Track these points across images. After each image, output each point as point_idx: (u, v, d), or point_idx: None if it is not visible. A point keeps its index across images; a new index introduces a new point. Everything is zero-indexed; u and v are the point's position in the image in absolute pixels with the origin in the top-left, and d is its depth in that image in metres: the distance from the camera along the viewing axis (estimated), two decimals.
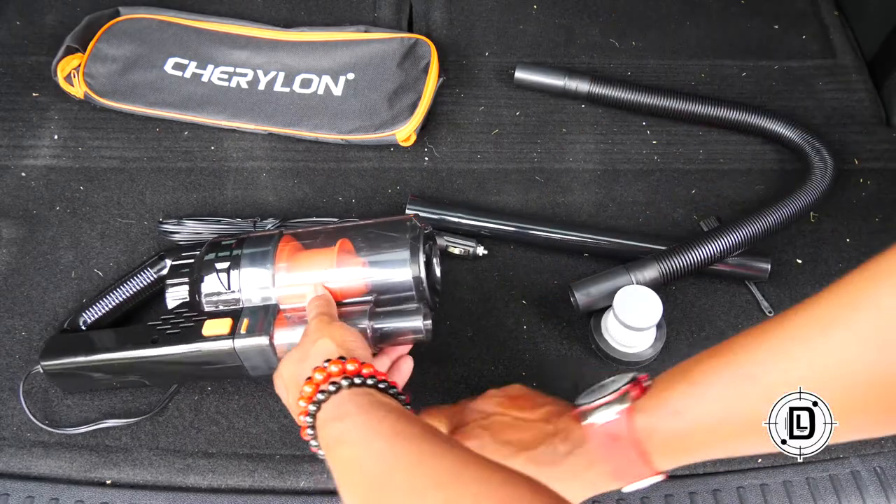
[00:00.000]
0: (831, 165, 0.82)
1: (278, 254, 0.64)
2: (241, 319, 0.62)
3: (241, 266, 0.63)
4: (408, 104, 0.87)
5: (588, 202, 0.85)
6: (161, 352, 0.62)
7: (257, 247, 0.65)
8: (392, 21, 0.99)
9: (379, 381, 0.51)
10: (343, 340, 0.54)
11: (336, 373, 0.50)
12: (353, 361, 0.51)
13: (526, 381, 0.71)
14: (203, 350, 0.61)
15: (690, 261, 0.74)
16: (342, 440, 0.46)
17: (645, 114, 0.91)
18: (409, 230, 0.63)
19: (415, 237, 0.63)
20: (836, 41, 1.01)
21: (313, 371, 0.51)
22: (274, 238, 0.65)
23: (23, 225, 0.81)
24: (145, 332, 0.64)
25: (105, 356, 0.64)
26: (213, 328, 0.62)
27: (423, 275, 0.62)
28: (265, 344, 0.60)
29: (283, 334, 0.61)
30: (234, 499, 0.65)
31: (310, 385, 0.50)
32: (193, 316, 0.64)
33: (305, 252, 0.65)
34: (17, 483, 0.65)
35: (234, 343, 0.60)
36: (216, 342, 0.61)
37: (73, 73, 0.89)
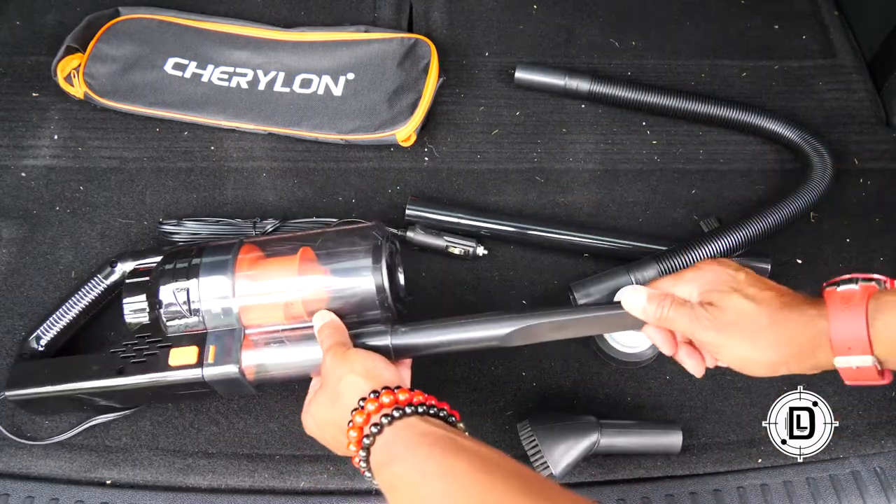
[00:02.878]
0: (831, 165, 0.82)
1: (238, 263, 0.61)
2: (207, 346, 0.60)
3: (200, 276, 0.61)
4: (408, 104, 0.87)
5: (588, 202, 0.85)
6: (127, 381, 0.61)
7: (215, 259, 0.62)
8: (392, 21, 0.99)
9: (418, 407, 0.50)
10: (367, 370, 0.54)
11: (374, 410, 0.50)
12: (387, 393, 0.51)
13: (526, 381, 0.72)
14: (171, 380, 0.60)
15: (690, 261, 0.74)
16: (395, 485, 0.47)
17: (645, 112, 0.91)
18: (371, 238, 0.61)
19: (377, 246, 0.61)
20: (836, 41, 1.01)
21: (353, 414, 0.51)
22: (234, 248, 0.63)
23: (23, 225, 0.80)
24: (109, 360, 0.62)
25: (70, 386, 0.62)
26: (180, 357, 0.60)
27: (385, 284, 0.60)
28: (235, 373, 0.59)
29: (250, 358, 0.60)
30: (234, 499, 0.65)
31: (354, 430, 0.50)
32: (157, 342, 0.62)
33: (266, 262, 0.62)
34: (17, 483, 0.65)
35: (203, 373, 0.59)
36: (184, 371, 0.60)
37: (73, 73, 0.89)
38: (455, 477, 0.44)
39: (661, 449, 0.67)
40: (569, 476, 0.65)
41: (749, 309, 0.51)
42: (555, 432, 0.62)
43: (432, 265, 0.79)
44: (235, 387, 0.60)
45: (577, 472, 0.66)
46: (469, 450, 0.46)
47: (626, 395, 0.72)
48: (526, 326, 0.58)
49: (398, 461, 0.47)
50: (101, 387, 0.62)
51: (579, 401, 0.71)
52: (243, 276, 0.61)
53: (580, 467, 0.66)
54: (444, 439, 0.47)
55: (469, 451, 0.46)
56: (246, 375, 0.60)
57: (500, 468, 0.45)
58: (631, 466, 0.67)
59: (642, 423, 0.68)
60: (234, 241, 0.64)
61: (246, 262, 0.62)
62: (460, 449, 0.46)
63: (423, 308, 0.76)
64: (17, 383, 0.64)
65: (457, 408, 0.69)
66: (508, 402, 0.71)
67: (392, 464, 0.47)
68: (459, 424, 0.52)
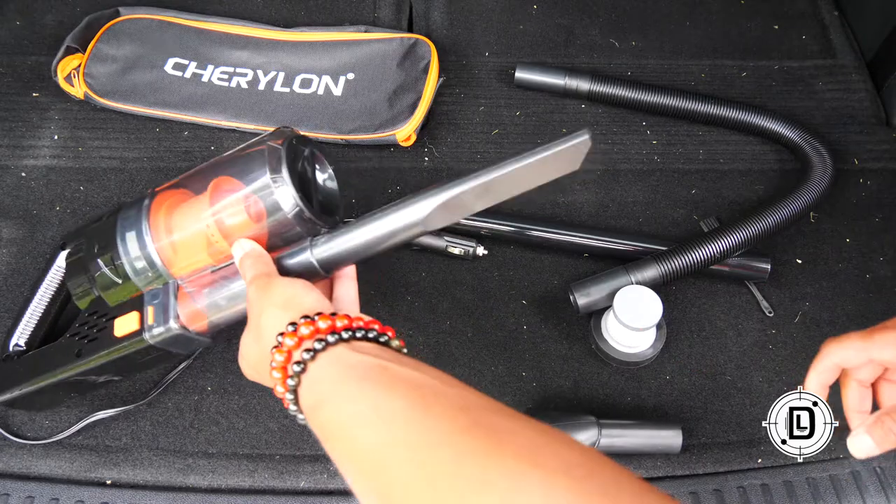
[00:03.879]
0: (830, 165, 0.82)
1: (152, 216, 0.57)
2: (146, 308, 0.58)
3: (118, 244, 0.57)
4: (408, 104, 0.87)
5: (588, 202, 0.85)
6: (85, 362, 0.60)
7: (128, 217, 0.58)
8: (392, 21, 0.99)
9: (343, 333, 0.45)
10: (286, 299, 0.49)
11: (294, 346, 0.45)
12: (306, 323, 0.45)
13: (526, 381, 0.72)
14: (122, 350, 0.58)
15: (690, 261, 0.74)
16: (327, 433, 0.42)
17: (645, 112, 0.91)
18: (268, 150, 0.54)
19: (275, 156, 0.53)
20: (836, 41, 1.00)
21: (272, 352, 0.45)
22: (144, 200, 0.59)
23: (23, 225, 0.81)
24: (69, 345, 0.61)
25: (41, 380, 0.62)
26: (124, 327, 0.58)
27: (293, 195, 0.53)
28: (176, 328, 0.56)
29: (189, 309, 0.57)
30: (234, 499, 0.65)
31: (277, 370, 0.45)
32: (103, 316, 0.60)
33: (177, 205, 0.58)
34: (17, 483, 0.65)
35: (146, 336, 0.57)
36: (130, 341, 0.58)
37: (73, 73, 0.89)
38: (389, 417, 0.38)
39: (661, 449, 0.67)
40: None
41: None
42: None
43: (432, 265, 0.79)
44: (186, 342, 0.58)
45: None
46: (405, 380, 0.41)
47: (626, 395, 0.72)
48: (446, 200, 0.49)
49: (327, 403, 0.42)
50: (67, 374, 0.61)
51: (579, 401, 0.71)
52: (156, 223, 0.58)
53: None
54: (375, 370, 0.41)
55: (405, 382, 0.40)
56: (190, 328, 0.57)
57: (441, 400, 0.39)
58: (631, 466, 0.67)
59: (642, 422, 0.68)
60: (147, 193, 0.60)
61: (159, 208, 0.58)
62: (394, 379, 0.41)
63: (424, 308, 0.76)
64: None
65: None
66: (508, 402, 0.70)
67: (321, 407, 0.42)
68: (394, 342, 0.46)
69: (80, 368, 0.60)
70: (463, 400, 0.39)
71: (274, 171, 0.53)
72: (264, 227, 0.54)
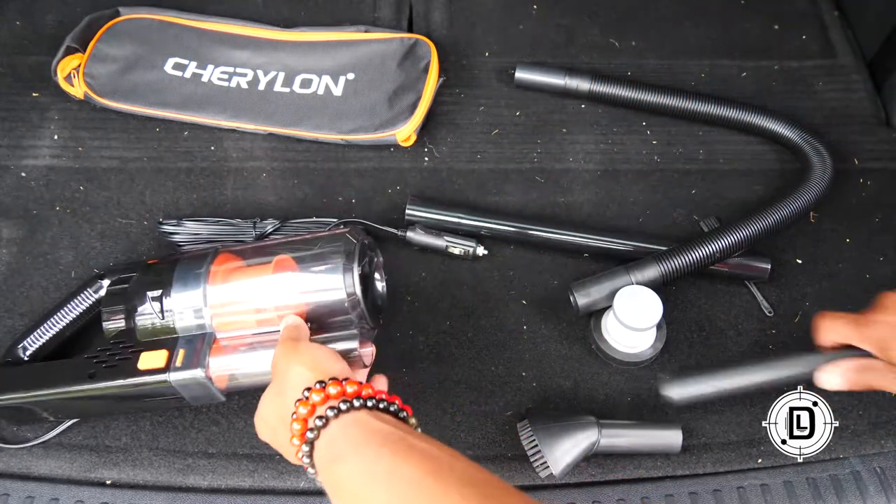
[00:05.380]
0: (830, 165, 0.82)
1: (212, 275, 0.61)
2: (177, 350, 0.60)
3: (174, 289, 0.61)
4: (408, 104, 0.87)
5: (588, 202, 0.85)
6: (97, 386, 0.61)
7: (190, 268, 0.62)
8: (392, 21, 0.99)
9: (367, 400, 0.48)
10: (315, 361, 0.52)
11: (319, 401, 0.48)
12: (334, 384, 0.48)
13: (526, 381, 0.72)
14: (139, 384, 0.60)
15: (690, 261, 0.74)
16: (341, 487, 0.44)
17: (645, 111, 0.91)
18: (343, 248, 0.60)
19: (348, 256, 0.59)
20: (836, 41, 1.00)
21: (296, 405, 0.48)
22: (207, 258, 0.63)
23: (23, 225, 0.80)
24: (83, 365, 0.62)
25: (43, 392, 0.62)
26: (149, 361, 0.60)
27: (359, 295, 0.59)
28: (201, 377, 0.58)
29: (219, 363, 0.60)
30: (234, 499, 0.65)
31: (297, 421, 0.48)
32: (130, 347, 0.62)
33: (239, 271, 0.62)
34: (17, 483, 0.65)
35: (170, 377, 0.59)
36: (152, 376, 0.59)
37: (73, 73, 0.89)
38: (404, 482, 0.42)
39: (661, 448, 0.67)
40: (568, 476, 0.65)
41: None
42: (554, 432, 0.62)
43: (432, 265, 0.79)
44: (203, 391, 0.60)
45: (577, 472, 0.66)
46: (421, 451, 0.44)
47: (625, 395, 0.72)
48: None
49: (344, 460, 0.44)
50: (71, 391, 0.61)
51: (579, 401, 0.71)
52: (215, 287, 0.61)
53: (580, 467, 0.66)
54: (394, 437, 0.45)
55: (420, 453, 0.44)
56: (214, 381, 0.59)
57: (454, 472, 0.42)
58: (631, 466, 0.67)
59: (642, 422, 0.68)
60: (210, 251, 0.64)
61: (220, 273, 0.62)
62: (411, 449, 0.44)
63: (424, 308, 0.76)
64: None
65: (457, 408, 0.70)
66: (508, 402, 0.71)
67: (337, 462, 0.45)
68: (412, 420, 0.50)
69: (88, 390, 0.61)
70: (473, 475, 0.42)
71: (347, 258, 0.59)
72: (318, 308, 0.59)
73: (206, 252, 0.64)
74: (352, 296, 0.59)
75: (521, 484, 0.66)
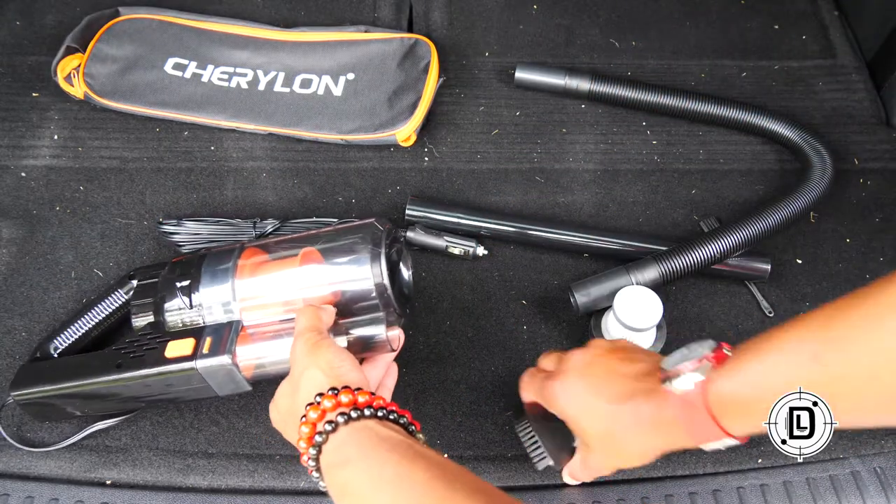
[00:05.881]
0: (830, 165, 0.82)
1: (239, 269, 0.62)
2: (204, 338, 0.60)
3: (202, 284, 0.62)
4: (408, 104, 0.87)
5: (588, 202, 0.85)
6: (125, 376, 0.61)
7: (218, 263, 0.63)
8: (392, 21, 0.99)
9: (378, 410, 0.48)
10: (332, 366, 0.52)
11: (330, 408, 0.48)
12: (346, 392, 0.49)
13: None
14: (166, 372, 0.60)
15: (690, 261, 0.74)
16: (347, 490, 0.45)
17: (645, 111, 0.91)
18: (370, 235, 0.61)
19: (376, 242, 0.60)
20: (836, 41, 1.01)
21: (307, 409, 0.49)
22: (235, 252, 0.64)
23: (23, 225, 0.81)
24: (110, 356, 0.62)
25: (71, 384, 0.62)
26: (176, 350, 0.60)
27: (386, 281, 0.59)
28: (228, 363, 0.59)
29: (246, 351, 0.60)
30: (234, 499, 0.65)
31: (306, 425, 0.48)
32: (157, 338, 0.62)
33: (267, 264, 0.63)
34: (17, 483, 0.65)
35: (197, 364, 0.59)
36: (179, 364, 0.59)
37: (73, 73, 0.89)
38: (411, 486, 0.42)
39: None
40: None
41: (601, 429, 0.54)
42: (552, 425, 0.62)
43: (432, 265, 0.79)
44: (229, 379, 0.60)
45: None
46: (428, 458, 0.44)
47: None
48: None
49: (351, 464, 0.45)
50: (99, 382, 0.62)
51: None
52: (244, 281, 0.61)
53: None
54: (402, 445, 0.46)
55: (428, 460, 0.44)
56: (241, 368, 0.59)
57: (460, 480, 0.43)
58: None
59: None
60: (237, 246, 0.65)
61: (247, 267, 0.62)
62: (419, 456, 0.44)
63: (424, 308, 0.76)
64: (21, 383, 0.64)
65: (457, 408, 0.70)
66: (508, 402, 0.71)
67: (344, 466, 0.45)
68: (419, 435, 0.50)
69: (115, 380, 0.61)
70: (481, 485, 0.43)
71: (375, 244, 0.60)
72: (346, 297, 0.60)
73: (233, 247, 0.65)
74: (379, 284, 0.59)
75: (522, 484, 0.66)
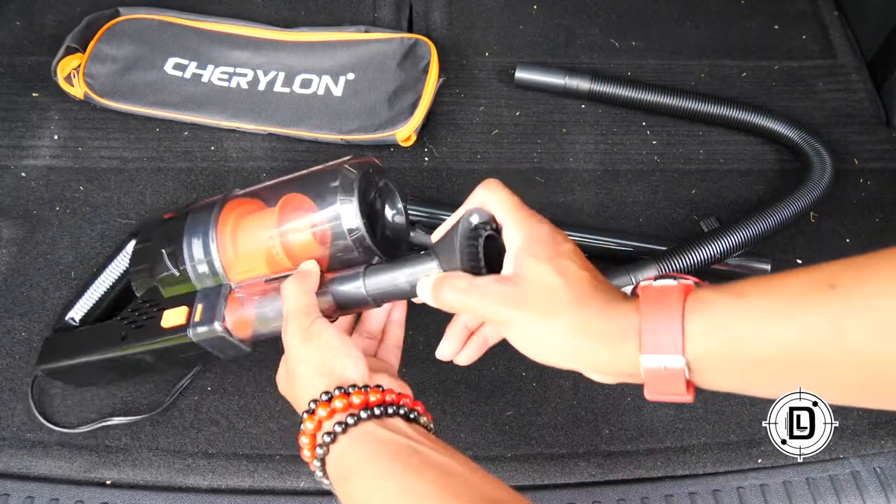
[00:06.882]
0: (830, 165, 0.82)
1: (220, 224, 0.59)
2: (196, 306, 0.59)
3: (184, 242, 0.60)
4: (408, 104, 0.87)
5: (588, 202, 0.85)
6: (129, 348, 0.61)
7: (199, 219, 0.60)
8: (392, 21, 0.99)
9: (375, 408, 0.46)
10: (323, 361, 0.49)
11: (326, 416, 0.46)
12: (341, 397, 0.46)
13: (526, 381, 0.72)
14: (166, 343, 0.59)
15: (690, 261, 0.74)
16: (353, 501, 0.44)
17: (645, 111, 0.91)
18: (341, 180, 0.55)
19: (346, 189, 0.55)
20: (836, 41, 1.00)
21: (304, 418, 0.47)
22: (215, 210, 0.61)
23: (23, 225, 0.80)
24: (116, 328, 0.62)
25: (84, 358, 0.63)
26: (171, 319, 0.59)
27: (362, 229, 0.54)
28: (219, 331, 0.57)
29: (238, 316, 0.58)
30: (234, 499, 0.65)
31: (305, 436, 0.47)
32: (155, 305, 0.61)
33: (246, 217, 0.60)
34: (17, 483, 0.65)
35: (191, 333, 0.58)
36: (176, 334, 0.59)
37: (73, 73, 0.89)
38: (417, 498, 0.40)
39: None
40: (568, 476, 0.65)
41: (556, 284, 0.44)
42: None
43: None
44: (226, 345, 0.59)
45: (577, 472, 0.66)
46: (434, 465, 0.42)
47: (626, 395, 0.72)
48: None
49: (355, 476, 0.43)
50: (109, 356, 0.62)
51: (579, 401, 0.71)
52: (223, 231, 0.59)
53: (580, 467, 0.66)
54: (405, 451, 0.43)
55: (434, 468, 0.42)
56: (233, 332, 0.58)
57: (469, 488, 0.41)
58: (630, 466, 0.67)
59: None
60: (218, 200, 0.62)
61: (228, 215, 0.60)
62: (424, 464, 0.42)
63: (424, 308, 0.76)
64: (44, 356, 0.65)
65: (457, 408, 0.70)
66: (508, 402, 0.71)
67: (349, 478, 0.44)
68: (423, 419, 0.48)
69: (122, 352, 0.61)
70: (492, 492, 0.41)
71: (345, 192, 0.54)
72: (327, 249, 0.56)
73: (215, 201, 0.62)
74: (353, 231, 0.55)
75: (521, 484, 0.66)
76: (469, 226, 0.50)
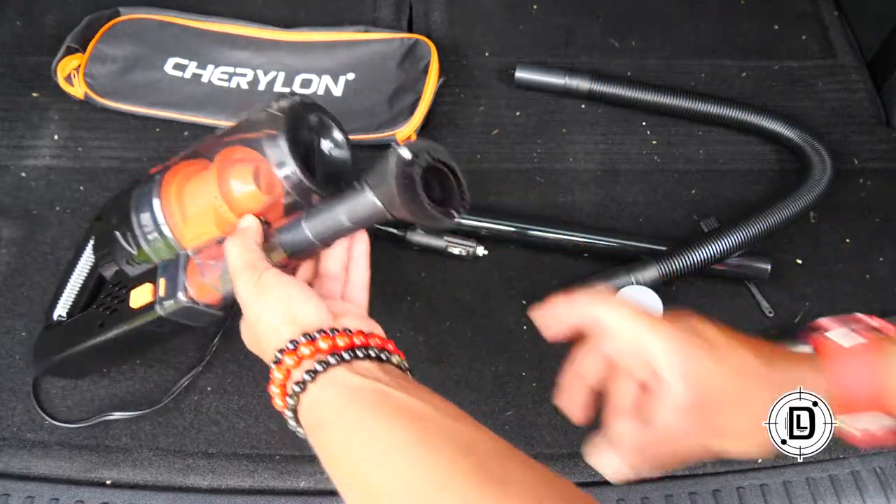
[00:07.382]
0: (830, 165, 0.82)
1: (163, 190, 0.56)
2: (158, 280, 0.57)
3: (132, 217, 0.57)
4: (408, 104, 0.87)
5: (588, 202, 0.85)
6: (110, 334, 0.60)
7: (143, 191, 0.57)
8: (392, 21, 0.99)
9: (344, 353, 0.44)
10: (286, 310, 0.47)
11: (294, 365, 0.44)
12: (308, 344, 0.44)
13: (526, 381, 0.72)
14: (140, 323, 0.58)
15: (690, 261, 0.74)
16: (331, 454, 0.42)
17: (645, 111, 0.91)
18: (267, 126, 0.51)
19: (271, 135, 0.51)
20: (836, 41, 1.00)
21: (272, 368, 0.45)
22: (157, 175, 0.58)
23: (23, 225, 0.80)
24: (94, 316, 0.62)
25: (70, 350, 0.63)
26: (139, 299, 0.58)
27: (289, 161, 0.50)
28: (184, 302, 0.55)
29: (200, 283, 0.56)
30: (234, 499, 0.65)
31: (275, 386, 0.45)
32: (124, 287, 0.60)
33: (185, 179, 0.57)
34: (17, 483, 0.65)
35: (158, 309, 0.56)
36: (146, 313, 0.57)
37: (73, 73, 0.89)
38: (391, 454, 0.39)
39: None
40: (568, 476, 0.65)
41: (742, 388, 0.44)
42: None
43: (432, 265, 0.79)
44: (197, 315, 0.57)
45: (577, 472, 0.66)
46: (406, 410, 0.40)
47: None
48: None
49: (327, 427, 0.42)
50: (91, 346, 0.61)
51: None
52: (167, 196, 0.57)
53: (580, 467, 0.66)
54: (376, 398, 0.41)
55: (406, 413, 0.40)
56: (200, 301, 0.56)
57: (444, 436, 0.39)
58: None
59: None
60: (160, 170, 0.60)
61: (171, 181, 0.57)
62: (396, 411, 0.40)
63: (424, 308, 0.76)
64: (36, 356, 0.66)
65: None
66: (508, 402, 0.71)
67: (322, 428, 0.43)
68: (394, 357, 0.46)
69: (103, 338, 0.61)
70: (468, 439, 0.39)
71: (270, 136, 0.50)
72: (271, 198, 0.52)
73: (157, 170, 0.60)
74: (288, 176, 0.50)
75: None
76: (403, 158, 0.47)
